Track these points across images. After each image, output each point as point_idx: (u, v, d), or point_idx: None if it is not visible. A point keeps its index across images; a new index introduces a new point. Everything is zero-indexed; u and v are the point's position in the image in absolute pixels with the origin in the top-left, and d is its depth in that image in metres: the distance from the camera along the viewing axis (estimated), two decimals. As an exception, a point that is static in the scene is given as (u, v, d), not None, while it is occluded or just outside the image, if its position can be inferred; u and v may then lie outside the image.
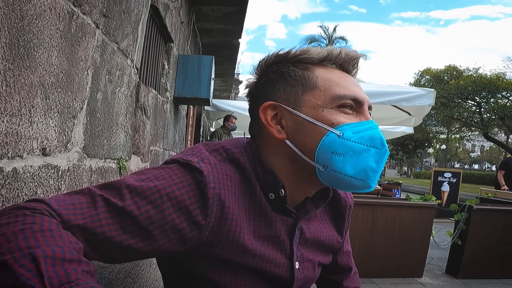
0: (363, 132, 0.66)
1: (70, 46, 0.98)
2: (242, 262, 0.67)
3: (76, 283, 0.43)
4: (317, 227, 0.79)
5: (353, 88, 0.69)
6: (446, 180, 7.59)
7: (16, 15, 0.72)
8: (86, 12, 1.06)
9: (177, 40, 3.00)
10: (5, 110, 0.71)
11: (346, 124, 0.66)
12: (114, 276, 0.96)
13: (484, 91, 19.37)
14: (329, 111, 0.67)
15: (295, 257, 0.73)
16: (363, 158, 0.64)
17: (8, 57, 0.71)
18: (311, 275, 0.77)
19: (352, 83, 0.71)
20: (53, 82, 0.90)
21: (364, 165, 0.64)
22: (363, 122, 0.67)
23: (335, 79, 0.70)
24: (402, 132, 7.05)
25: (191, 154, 0.67)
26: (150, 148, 2.24)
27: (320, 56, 0.71)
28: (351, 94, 0.68)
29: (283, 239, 0.72)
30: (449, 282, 3.43)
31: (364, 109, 0.69)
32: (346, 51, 0.72)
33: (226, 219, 0.64)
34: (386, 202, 3.53)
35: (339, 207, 0.84)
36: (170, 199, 0.60)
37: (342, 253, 0.91)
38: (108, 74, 1.32)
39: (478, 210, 3.55)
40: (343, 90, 0.68)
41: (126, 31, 1.48)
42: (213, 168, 0.65)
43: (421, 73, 23.01)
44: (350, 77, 0.72)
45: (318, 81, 0.69)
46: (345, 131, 0.65)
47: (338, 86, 0.69)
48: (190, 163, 0.64)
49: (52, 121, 0.92)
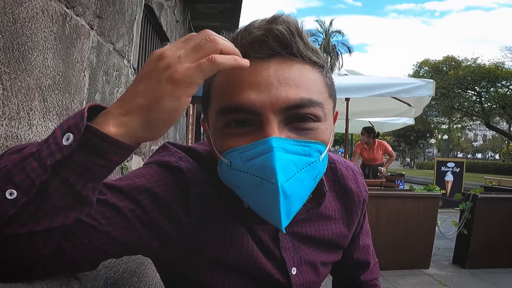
0: (254, 160, 0.48)
1: (65, 48, 0.97)
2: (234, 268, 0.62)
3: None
4: (321, 226, 0.71)
5: (240, 92, 0.49)
6: (450, 170, 7.57)
7: (8, 18, 0.72)
8: (79, 13, 1.06)
9: (173, 39, 2.99)
10: (3, 113, 0.71)
11: (233, 150, 0.50)
12: (119, 276, 0.96)
13: (484, 81, 19.38)
14: (218, 133, 0.53)
15: (289, 263, 0.67)
16: (259, 194, 0.48)
17: (3, 61, 0.71)
18: (312, 278, 0.71)
19: (243, 82, 0.50)
20: (50, 84, 0.90)
21: (262, 202, 0.49)
22: (254, 144, 0.48)
23: (223, 84, 0.52)
24: (403, 124, 7.03)
25: (167, 155, 0.62)
26: (151, 147, 2.24)
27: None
28: (232, 104, 0.50)
29: (270, 246, 0.65)
30: (456, 272, 3.42)
31: (262, 120, 0.49)
32: (248, 30, 0.52)
33: (209, 218, 0.60)
34: (390, 193, 3.52)
35: (351, 202, 0.75)
36: (150, 196, 0.56)
37: (358, 248, 0.84)
38: (105, 75, 1.32)
39: (483, 199, 3.54)
40: (222, 101, 0.51)
41: (121, 32, 1.48)
42: (192, 166, 0.60)
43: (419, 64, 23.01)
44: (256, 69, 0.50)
45: (211, 92, 0.55)
46: (233, 159, 0.50)
47: (222, 96, 0.52)
48: (168, 163, 0.60)
49: (51, 124, 0.92)
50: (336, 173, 0.75)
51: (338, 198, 0.74)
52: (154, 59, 0.43)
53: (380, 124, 7.23)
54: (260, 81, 0.50)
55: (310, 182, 0.52)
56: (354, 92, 3.93)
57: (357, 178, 0.78)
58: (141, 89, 0.42)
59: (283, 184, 0.46)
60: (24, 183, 0.39)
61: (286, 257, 0.67)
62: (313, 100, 0.51)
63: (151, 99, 0.42)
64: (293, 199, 0.49)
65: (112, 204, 0.53)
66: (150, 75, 0.42)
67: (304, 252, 0.69)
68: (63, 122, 0.42)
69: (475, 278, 3.25)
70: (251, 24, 0.52)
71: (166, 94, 0.42)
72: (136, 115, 0.42)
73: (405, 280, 3.13)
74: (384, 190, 3.75)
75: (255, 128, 0.50)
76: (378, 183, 4.14)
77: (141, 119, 0.42)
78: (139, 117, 0.42)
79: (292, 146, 0.49)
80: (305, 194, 0.52)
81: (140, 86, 0.43)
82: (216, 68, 0.43)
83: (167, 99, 0.42)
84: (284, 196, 0.47)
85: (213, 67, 0.43)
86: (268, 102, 0.49)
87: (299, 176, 0.49)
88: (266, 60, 0.51)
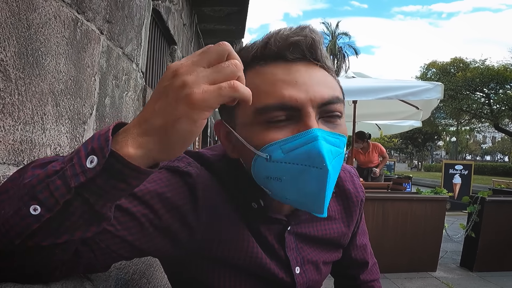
0: (298, 149, 0.52)
1: (76, 53, 0.99)
2: (242, 265, 0.65)
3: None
4: (322, 226, 0.75)
5: (281, 90, 0.54)
6: (458, 172, 7.49)
7: (23, 24, 0.74)
8: (90, 19, 1.08)
9: (181, 42, 3.02)
10: (18, 118, 0.73)
11: (272, 144, 0.53)
12: (129, 277, 0.97)
13: (492, 83, 19.19)
14: (256, 129, 0.55)
15: (293, 263, 0.70)
16: (303, 182, 0.52)
17: (18, 66, 0.73)
18: (314, 277, 0.74)
19: (283, 82, 0.54)
20: (63, 89, 0.92)
21: (306, 189, 0.53)
22: (297, 136, 0.52)
23: (260, 84, 0.55)
24: (410, 126, 6.98)
25: (176, 160, 0.64)
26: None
27: (249, 55, 0.58)
28: (274, 102, 0.53)
29: (275, 246, 0.68)
30: (464, 275, 3.39)
31: (303, 115, 0.54)
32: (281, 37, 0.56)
33: (218, 222, 0.62)
34: (397, 196, 3.50)
35: (350, 202, 0.79)
36: (161, 200, 0.58)
37: (356, 248, 0.87)
38: (115, 79, 1.34)
39: (491, 202, 3.51)
40: (265, 100, 0.54)
41: (130, 36, 1.50)
42: (200, 172, 0.63)
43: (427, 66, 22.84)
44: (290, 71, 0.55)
45: None
46: (273, 152, 0.53)
47: (261, 94, 0.54)
48: (177, 168, 0.62)
49: (64, 128, 0.94)
50: None
51: (338, 199, 0.78)
52: (169, 76, 0.41)
53: (387, 127, 7.19)
54: (297, 80, 0.55)
55: (338, 171, 0.57)
56: (361, 94, 3.92)
57: (354, 180, 0.82)
58: (159, 108, 0.41)
59: (330, 169, 0.51)
60: (48, 201, 0.41)
61: (290, 256, 0.70)
62: (339, 97, 0.58)
63: (168, 120, 0.41)
64: (332, 184, 0.54)
65: (126, 209, 0.55)
66: (167, 93, 0.41)
67: (307, 252, 0.73)
68: (87, 140, 0.42)
69: (482, 281, 3.22)
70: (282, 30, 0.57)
71: (182, 116, 0.40)
72: (153, 136, 0.42)
73: (412, 283, 3.11)
74: (391, 193, 3.73)
75: (292, 122, 0.54)
76: (385, 185, 4.11)
77: (158, 141, 0.42)
78: (156, 139, 0.42)
79: (329, 137, 0.54)
80: (335, 181, 0.56)
81: (158, 104, 0.42)
82: (235, 97, 0.42)
83: (184, 121, 0.41)
84: (330, 180, 0.52)
85: (234, 95, 0.41)
86: (307, 99, 0.54)
87: (334, 164, 0.54)
88: (296, 62, 0.57)
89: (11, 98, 0.71)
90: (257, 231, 0.66)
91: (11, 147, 0.72)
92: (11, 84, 0.71)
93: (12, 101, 0.71)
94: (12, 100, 0.71)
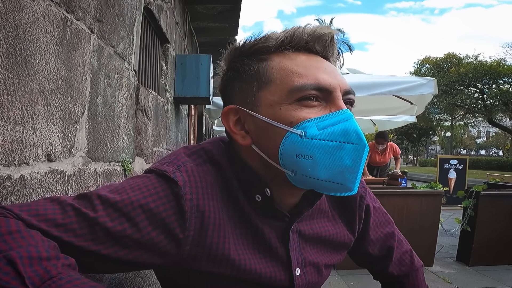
0: (333, 127, 0.55)
1: (66, 52, 0.99)
2: (233, 275, 0.62)
3: (59, 277, 0.41)
4: (322, 224, 0.73)
5: (316, 74, 0.58)
6: (453, 167, 7.55)
7: (10, 24, 0.73)
8: (79, 18, 1.07)
9: (174, 41, 3.01)
10: (8, 118, 0.72)
11: (308, 120, 0.56)
12: (124, 276, 0.97)
13: (486, 78, 19.41)
14: (287, 108, 0.57)
15: (294, 264, 0.67)
16: (337, 158, 0.54)
17: (7, 66, 0.72)
18: (315, 280, 0.71)
19: (316, 67, 0.59)
20: (53, 88, 0.91)
21: (339, 165, 0.54)
22: (332, 114, 0.57)
23: (293, 67, 0.59)
24: (404, 121, 7.02)
25: (167, 163, 0.62)
26: (154, 149, 2.26)
27: (277, 41, 0.61)
28: (312, 82, 0.57)
29: (276, 246, 0.65)
30: (460, 269, 3.42)
31: (335, 97, 0.58)
32: (310, 29, 0.61)
33: (207, 231, 0.59)
34: (392, 191, 3.53)
35: (347, 201, 0.77)
36: (144, 211, 0.55)
37: (372, 243, 0.84)
38: (107, 78, 1.33)
39: (486, 196, 3.54)
40: (302, 80, 0.58)
41: (121, 35, 1.49)
42: (190, 176, 0.60)
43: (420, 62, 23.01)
44: (318, 60, 0.62)
45: (274, 73, 0.60)
46: (308, 129, 0.55)
47: (296, 76, 0.58)
48: (165, 173, 0.59)
49: (55, 127, 0.93)
50: None
51: (333, 199, 0.76)
52: None
53: (382, 122, 7.21)
54: (326, 68, 0.61)
55: None
56: (355, 90, 3.90)
57: None
58: None
59: (365, 145, 0.56)
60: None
61: (292, 257, 0.67)
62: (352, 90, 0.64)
63: None
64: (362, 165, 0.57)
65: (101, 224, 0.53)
66: None
67: (309, 253, 0.70)
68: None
69: (479, 275, 3.25)
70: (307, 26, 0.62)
71: None
72: None
73: (409, 278, 3.13)
74: (387, 188, 3.75)
75: (323, 104, 0.59)
76: (380, 181, 4.13)
77: None
78: None
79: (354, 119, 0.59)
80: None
81: None
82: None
83: None
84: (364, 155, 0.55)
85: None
86: (337, 84, 0.60)
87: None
88: (318, 55, 0.63)
89: (0, 98, 0.70)
90: (257, 230, 0.63)
91: (1, 147, 0.71)
92: (0, 84, 0.70)
93: (1, 101, 0.70)
94: (1, 100, 0.70)
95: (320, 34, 0.61)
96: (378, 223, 0.86)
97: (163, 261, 0.59)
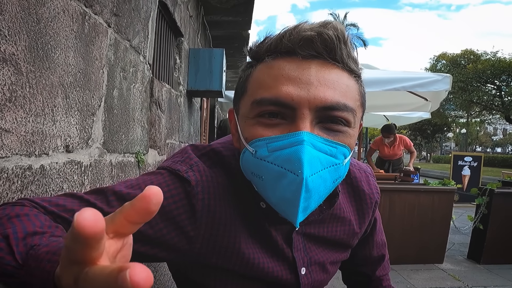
0: (281, 151, 0.49)
1: (85, 46, 1.01)
2: (243, 272, 0.63)
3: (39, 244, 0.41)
4: (332, 229, 0.72)
5: (280, 86, 0.51)
6: (467, 164, 7.43)
7: (32, 18, 0.76)
8: (97, 12, 1.09)
9: (187, 34, 3.02)
10: (30, 110, 0.76)
11: (260, 139, 0.52)
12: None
13: (504, 75, 18.93)
14: (249, 122, 0.54)
15: (299, 263, 0.68)
16: (281, 186, 0.49)
17: (29, 60, 0.75)
18: (320, 278, 0.72)
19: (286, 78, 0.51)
20: (72, 81, 0.94)
21: (282, 194, 0.50)
22: (284, 136, 0.50)
23: (263, 77, 0.54)
24: (418, 118, 6.91)
25: (179, 161, 0.62)
26: (166, 141, 2.29)
27: (265, 46, 0.56)
28: (270, 96, 0.51)
29: (283, 247, 0.66)
30: (471, 267, 3.38)
31: (297, 115, 0.51)
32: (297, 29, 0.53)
33: (218, 230, 0.60)
34: (404, 187, 3.49)
35: (363, 204, 0.76)
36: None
37: (376, 245, 0.86)
38: (123, 71, 1.36)
39: (500, 194, 3.48)
40: (263, 93, 0.52)
41: (137, 29, 1.52)
42: (202, 176, 0.60)
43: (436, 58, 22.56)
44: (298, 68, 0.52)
45: (250, 83, 0.57)
46: (258, 148, 0.52)
47: (261, 88, 0.53)
48: (178, 173, 0.60)
49: (73, 119, 0.96)
50: (349, 175, 0.76)
51: (351, 200, 0.75)
52: None
53: (396, 118, 7.12)
54: (301, 78, 0.51)
55: (330, 184, 0.53)
56: (368, 86, 3.89)
57: (369, 180, 0.79)
58: None
59: (308, 178, 0.47)
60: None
61: (297, 257, 0.68)
62: (347, 105, 0.53)
63: None
64: (312, 196, 0.50)
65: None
66: None
67: (314, 252, 0.71)
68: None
69: (490, 274, 3.21)
70: (301, 24, 0.54)
71: None
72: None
73: (418, 274, 3.12)
74: (399, 184, 3.72)
75: (286, 121, 0.52)
76: (392, 177, 4.10)
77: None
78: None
79: (321, 144, 0.51)
80: (323, 194, 0.53)
81: None
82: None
83: None
84: (306, 190, 0.48)
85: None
86: (305, 99, 0.50)
87: (322, 174, 0.50)
88: (309, 60, 0.53)
89: (23, 91, 0.73)
90: (264, 231, 0.64)
91: (23, 138, 0.74)
92: (23, 77, 0.73)
93: (23, 94, 0.73)
94: (23, 93, 0.73)
95: (305, 36, 0.52)
96: (380, 229, 0.88)
97: (174, 256, 0.61)
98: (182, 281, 0.73)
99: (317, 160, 0.49)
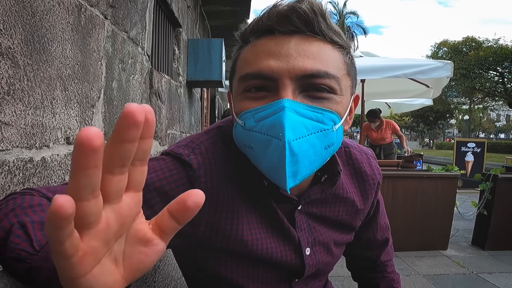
0: (266, 119, 0.52)
1: (82, 38, 1.01)
2: (247, 254, 0.64)
3: None
4: (334, 209, 0.72)
5: (261, 60, 0.54)
6: (470, 150, 7.39)
7: (27, 12, 0.75)
8: (93, 4, 1.08)
9: (185, 25, 3.00)
10: (29, 103, 0.75)
11: (247, 112, 0.55)
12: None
13: (506, 61, 18.72)
14: (238, 97, 0.58)
15: (303, 244, 0.68)
16: (269, 152, 0.51)
17: (26, 53, 0.74)
18: (325, 259, 0.73)
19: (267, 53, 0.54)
20: (70, 74, 0.94)
21: (270, 160, 0.51)
22: (267, 105, 0.53)
23: (248, 55, 0.58)
24: (420, 104, 6.88)
25: (183, 145, 0.63)
26: (167, 131, 2.29)
27: (248, 28, 0.59)
28: (253, 71, 0.55)
29: (288, 226, 0.66)
30: (475, 254, 3.38)
31: (279, 85, 0.53)
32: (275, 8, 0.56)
33: (221, 213, 0.61)
34: (407, 173, 3.48)
35: (366, 184, 0.77)
36: (159, 194, 0.57)
37: (380, 228, 0.87)
38: (121, 63, 1.35)
39: (504, 179, 3.46)
40: (247, 69, 0.56)
41: (134, 20, 1.50)
42: (204, 158, 0.61)
43: (438, 45, 22.30)
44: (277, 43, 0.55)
45: (237, 64, 0.61)
46: (247, 120, 0.55)
47: (246, 65, 0.57)
48: (180, 157, 0.61)
49: (73, 111, 0.96)
50: (350, 157, 0.76)
51: (353, 181, 0.76)
52: None
53: (398, 105, 7.09)
54: (281, 51, 0.54)
55: (321, 150, 0.54)
56: (369, 73, 3.86)
57: (371, 161, 0.80)
58: None
59: (291, 142, 0.49)
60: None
61: (302, 237, 0.68)
62: (329, 72, 0.54)
63: None
64: (300, 160, 0.51)
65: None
66: None
67: (319, 232, 0.71)
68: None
69: (494, 260, 3.22)
70: (278, 2, 0.56)
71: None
72: None
73: (422, 261, 3.13)
74: (401, 171, 3.71)
75: (271, 93, 0.54)
76: (395, 163, 4.09)
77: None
78: None
79: (304, 110, 0.52)
80: (315, 160, 0.54)
81: None
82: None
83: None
84: (291, 154, 0.49)
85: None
86: (285, 69, 0.53)
87: (309, 139, 0.51)
88: (288, 35, 0.55)
89: (21, 84, 0.73)
90: (270, 211, 0.65)
91: (23, 131, 0.74)
92: (20, 70, 0.73)
93: (21, 86, 0.73)
94: (21, 86, 0.73)
95: (281, 12, 0.54)
96: (383, 212, 0.88)
97: (179, 241, 0.60)
98: (188, 267, 0.73)
99: (301, 125, 0.51)
